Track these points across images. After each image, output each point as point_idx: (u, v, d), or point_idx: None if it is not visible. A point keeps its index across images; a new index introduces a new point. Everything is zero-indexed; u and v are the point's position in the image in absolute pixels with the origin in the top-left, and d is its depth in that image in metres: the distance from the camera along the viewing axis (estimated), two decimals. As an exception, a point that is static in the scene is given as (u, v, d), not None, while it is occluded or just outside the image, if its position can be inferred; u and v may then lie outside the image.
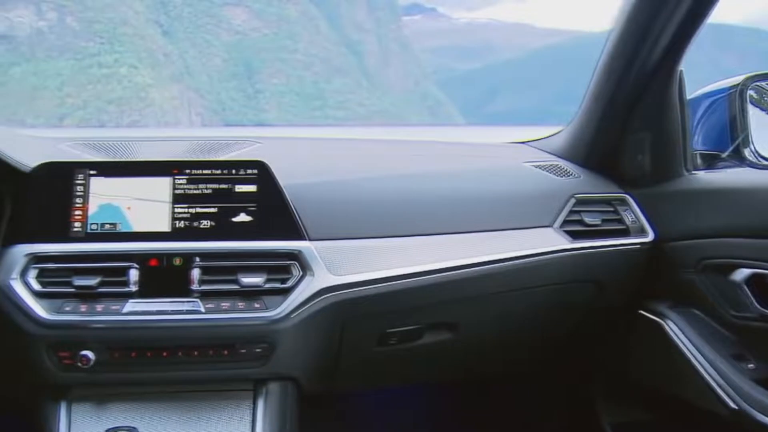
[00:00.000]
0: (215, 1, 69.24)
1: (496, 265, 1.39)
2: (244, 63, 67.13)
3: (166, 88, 56.42)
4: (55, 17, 58.83)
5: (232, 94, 64.25)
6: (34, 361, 1.20)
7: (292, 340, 1.26)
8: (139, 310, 1.21)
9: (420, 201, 1.48)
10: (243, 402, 1.31)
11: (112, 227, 1.28)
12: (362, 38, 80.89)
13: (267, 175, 1.31)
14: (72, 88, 54.73)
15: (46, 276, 1.22)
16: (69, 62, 56.15)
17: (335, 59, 73.27)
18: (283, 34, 70.25)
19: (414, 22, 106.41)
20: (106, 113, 51.91)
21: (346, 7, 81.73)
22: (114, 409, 1.27)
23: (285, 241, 1.28)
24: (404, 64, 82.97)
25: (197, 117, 56.00)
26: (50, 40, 57.57)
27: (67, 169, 1.30)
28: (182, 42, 64.24)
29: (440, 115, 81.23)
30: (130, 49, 57.60)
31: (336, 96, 69.76)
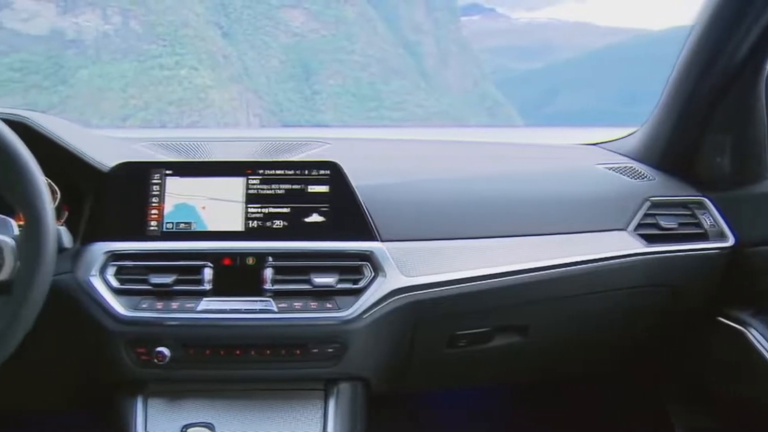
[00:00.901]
0: (273, 3, 69.67)
1: (568, 269, 1.39)
2: (302, 64, 67.36)
3: (225, 90, 56.96)
4: (119, 21, 60.13)
5: (290, 95, 64.50)
6: (113, 357, 1.24)
7: (364, 341, 1.28)
8: (213, 308, 1.25)
9: (492, 203, 1.48)
10: (314, 401, 1.32)
11: (186, 226, 1.34)
12: (420, 39, 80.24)
13: (339, 176, 1.34)
14: (135, 90, 55.76)
15: (124, 273, 1.28)
16: (132, 64, 57.25)
17: (392, 60, 72.82)
18: (341, 35, 70.22)
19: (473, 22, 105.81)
20: (167, 114, 52.68)
21: (403, 8, 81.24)
22: (188, 406, 1.29)
23: (357, 242, 1.31)
24: (462, 65, 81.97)
25: (255, 118, 56.36)
26: (115, 43, 58.85)
27: (144, 169, 1.35)
28: (241, 44, 64.83)
29: (499, 116, 79.91)
30: (190, 51, 58.36)
31: (393, 97, 69.32)
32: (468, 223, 1.44)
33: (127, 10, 60.62)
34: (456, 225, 1.43)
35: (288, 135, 1.88)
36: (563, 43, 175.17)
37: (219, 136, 1.89)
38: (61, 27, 57.90)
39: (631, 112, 34.27)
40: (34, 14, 57.83)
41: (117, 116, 52.16)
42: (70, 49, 57.31)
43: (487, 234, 1.42)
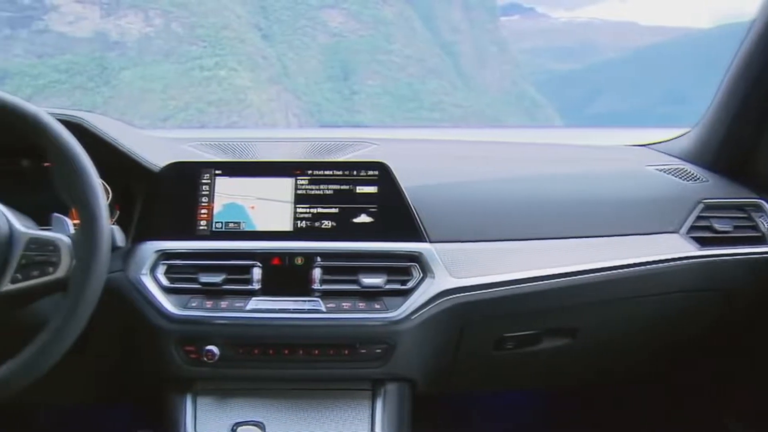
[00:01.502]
0: (313, 4, 70.02)
1: (618, 271, 1.39)
2: (340, 65, 67.56)
3: (264, 90, 57.37)
4: (161, 23, 61.06)
5: (328, 95, 64.73)
6: (163, 355, 1.26)
7: (411, 342, 1.29)
8: (261, 308, 1.26)
9: (541, 204, 1.48)
10: (361, 401, 1.33)
11: (236, 226, 1.33)
12: (458, 39, 79.81)
13: (388, 177, 1.36)
14: (175, 91, 56.51)
15: (174, 272, 1.32)
16: (173, 66, 58.05)
17: (430, 60, 72.57)
18: (379, 35, 70.22)
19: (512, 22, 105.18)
20: (207, 115, 53.28)
21: (441, 9, 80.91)
22: (237, 404, 1.30)
23: (405, 243, 1.33)
24: (501, 65, 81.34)
25: (294, 118, 56.67)
26: (156, 44, 59.77)
27: (194, 169, 1.36)
28: (280, 44, 65.28)
29: (538, 116, 79.05)
30: (230, 52, 58.93)
31: (431, 97, 69.10)
32: (517, 225, 1.42)
33: (169, 12, 61.52)
34: (505, 226, 1.41)
35: (334, 135, 1.86)
36: (605, 43, 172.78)
37: (266, 136, 1.88)
38: (105, 29, 59.08)
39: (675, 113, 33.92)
40: (79, 17, 59.11)
41: (158, 117, 52.94)
42: (114, 51, 58.42)
43: (537, 236, 1.41)
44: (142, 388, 1.47)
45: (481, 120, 71.32)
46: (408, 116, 64.68)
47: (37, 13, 57.61)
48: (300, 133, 2.27)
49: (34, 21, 57.26)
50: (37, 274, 1.08)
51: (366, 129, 2.29)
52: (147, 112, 52.65)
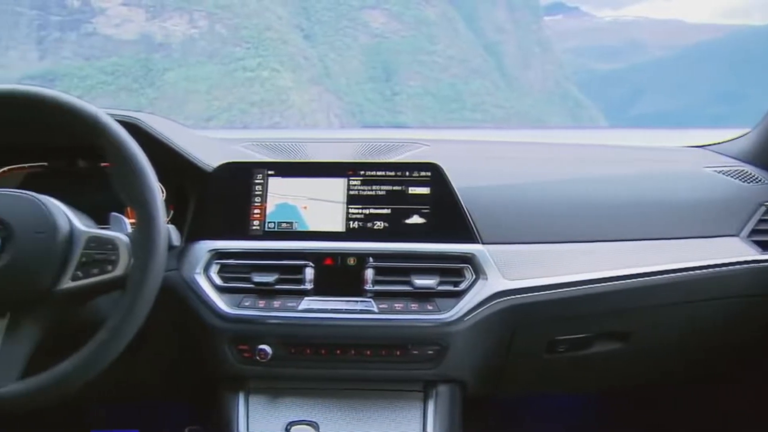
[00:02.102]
0: (354, 5, 70.35)
1: (675, 275, 1.36)
2: (382, 65, 67.73)
3: (305, 91, 57.90)
4: (205, 25, 62.15)
5: (370, 96, 64.95)
6: (216, 353, 1.27)
7: (464, 344, 1.28)
8: (314, 308, 1.26)
9: (595, 206, 1.46)
10: (413, 403, 1.32)
11: (288, 226, 1.34)
12: (501, 39, 79.26)
13: (440, 178, 1.34)
14: (219, 92, 57.43)
15: (227, 271, 1.31)
16: (216, 67, 59.01)
17: (473, 61, 72.23)
18: (421, 36, 70.20)
19: (556, 22, 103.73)
20: (249, 115, 53.97)
21: (485, 9, 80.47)
22: (290, 403, 1.31)
23: (458, 244, 1.31)
24: (544, 65, 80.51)
25: (335, 119, 57.03)
26: (200, 46, 60.85)
27: (247, 169, 1.38)
28: (322, 45, 65.77)
29: (581, 117, 78.02)
30: (272, 53, 59.65)
31: (473, 98, 68.78)
32: (571, 227, 1.41)
33: (213, 14, 62.55)
34: (558, 228, 1.40)
35: (383, 136, 1.86)
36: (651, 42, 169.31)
37: (316, 137, 1.88)
38: (150, 31, 60.40)
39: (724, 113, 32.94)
40: (125, 20, 60.55)
41: (201, 117, 53.86)
42: (158, 53, 59.66)
43: (591, 238, 1.40)
44: (194, 386, 1.47)
45: (524, 121, 70.77)
46: (450, 117, 64.54)
47: (85, 17, 59.22)
48: (349, 133, 2.25)
49: (83, 24, 58.88)
50: (96, 272, 1.09)
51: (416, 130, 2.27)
52: (191, 113, 53.58)
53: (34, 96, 1.15)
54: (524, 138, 2.14)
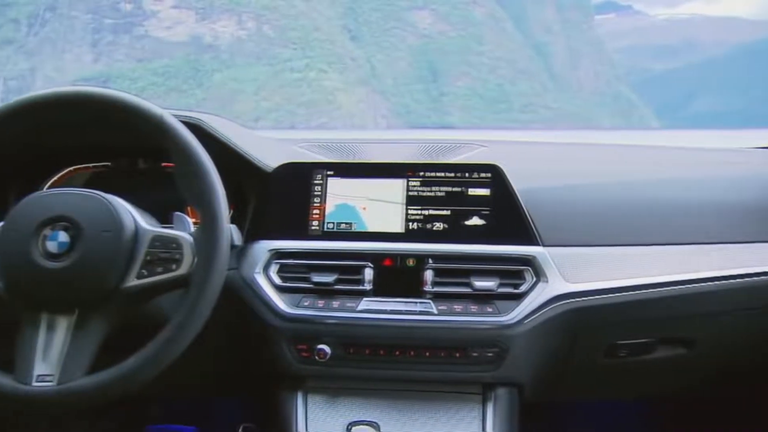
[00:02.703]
0: (402, 5, 70.39)
1: (743, 280, 1.33)
2: (429, 66, 67.60)
3: (352, 92, 58.18)
4: (253, 26, 63.03)
5: (417, 96, 64.91)
6: (274, 352, 1.28)
7: (524, 346, 1.27)
8: (373, 308, 1.26)
9: (659, 208, 1.43)
10: (472, 405, 1.31)
11: (347, 227, 1.34)
12: (550, 39, 78.26)
13: (501, 179, 1.33)
14: (266, 92, 58.14)
15: (287, 271, 1.31)
16: (264, 68, 59.76)
17: (521, 61, 71.51)
18: (469, 36, 69.84)
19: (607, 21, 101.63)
20: (297, 116, 54.50)
21: (533, 9, 79.55)
22: (349, 404, 1.31)
23: (518, 246, 1.30)
24: (594, 65, 79.15)
25: (382, 119, 57.14)
26: (248, 47, 61.71)
27: (306, 170, 1.38)
28: (369, 46, 65.97)
29: (633, 117, 76.41)
30: (320, 54, 60.12)
31: (521, 99, 68.11)
32: (633, 230, 1.38)
33: (261, 15, 63.36)
34: (620, 231, 1.37)
35: (437, 137, 1.84)
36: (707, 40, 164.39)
37: (372, 137, 1.89)
38: (200, 33, 61.50)
39: (784, 114, 31.23)
40: (176, 22, 61.80)
41: (249, 117, 54.56)
42: (207, 54, 60.70)
43: (653, 241, 1.37)
44: (250, 384, 1.49)
45: (573, 121, 69.71)
46: (497, 118, 64.05)
47: (137, 20, 60.65)
48: (405, 134, 2.25)
49: (135, 27, 60.32)
50: (161, 270, 1.11)
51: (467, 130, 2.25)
52: (239, 113, 54.34)
53: (100, 97, 1.17)
54: (574, 139, 2.11)
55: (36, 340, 1.11)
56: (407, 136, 2.06)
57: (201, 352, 1.15)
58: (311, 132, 1.99)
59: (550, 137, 2.20)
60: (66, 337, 1.12)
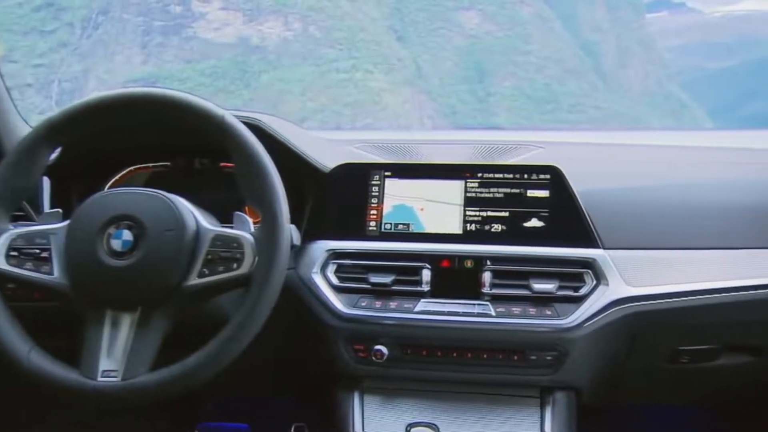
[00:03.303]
0: (448, 6, 69.94)
1: None
2: (475, 66, 67.04)
3: (398, 92, 58.10)
4: (300, 27, 63.39)
5: (463, 97, 64.45)
6: (331, 352, 1.29)
7: (583, 350, 1.26)
8: (430, 309, 1.27)
9: (721, 212, 1.41)
10: (531, 409, 1.32)
11: (405, 227, 1.35)
12: (599, 39, 76.69)
13: (560, 181, 1.32)
14: (312, 93, 58.40)
15: (344, 271, 1.32)
16: (310, 68, 60.05)
17: (569, 61, 70.36)
18: (516, 36, 69.03)
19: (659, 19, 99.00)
20: (342, 116, 54.65)
21: (582, 8, 78.06)
22: (406, 404, 1.31)
23: (578, 249, 1.31)
24: (645, 65, 77.34)
25: (428, 120, 56.91)
26: (295, 48, 62.10)
27: (364, 170, 1.39)
28: (415, 46, 65.77)
29: (684, 118, 74.35)
30: (365, 54, 60.15)
31: (569, 99, 67.02)
32: (696, 233, 1.36)
33: (307, 16, 63.71)
34: (682, 234, 1.36)
35: (494, 138, 1.82)
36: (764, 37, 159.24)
37: (428, 138, 1.88)
38: (247, 34, 62.11)
39: None
40: (224, 23, 62.60)
41: (295, 118, 53.99)
42: (254, 55, 61.26)
43: (718, 245, 1.35)
44: (304, 383, 1.51)
45: (622, 122, 68.28)
46: (544, 118, 63.17)
47: (186, 21, 61.63)
48: (459, 135, 2.26)
49: (184, 29, 61.29)
50: (222, 269, 1.13)
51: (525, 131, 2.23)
52: (285, 114, 54.48)
53: (164, 98, 1.19)
54: (627, 140, 2.08)
55: (101, 337, 1.14)
56: (460, 137, 2.06)
57: (257, 350, 1.16)
58: (363, 133, 1.97)
59: (603, 138, 2.20)
60: (129, 334, 1.14)
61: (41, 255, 1.18)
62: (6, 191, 1.21)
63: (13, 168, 1.21)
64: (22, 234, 1.20)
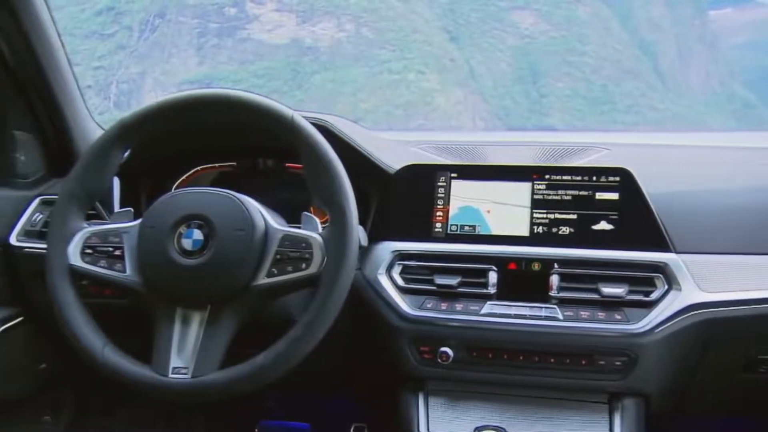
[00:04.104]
0: (502, 6, 69.31)
1: None
2: (530, 67, 66.25)
3: (451, 93, 57.88)
4: (352, 28, 63.74)
5: (516, 98, 63.76)
6: (397, 353, 1.30)
7: (654, 356, 1.24)
8: (497, 312, 1.27)
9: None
10: (599, 415, 1.28)
11: (471, 229, 1.34)
12: (658, 38, 74.80)
13: (631, 183, 1.31)
14: (364, 94, 58.65)
15: (409, 273, 1.32)
16: (362, 69, 60.32)
17: (626, 61, 68.87)
18: (572, 36, 67.99)
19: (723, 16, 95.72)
20: (394, 117, 54.67)
21: (641, 6, 76.24)
22: (471, 407, 1.30)
23: (649, 252, 1.27)
24: (706, 64, 75.08)
25: (480, 121, 56.54)
26: (347, 49, 62.48)
27: (430, 172, 1.38)
28: (468, 47, 65.39)
29: (748, 119, 71.84)
30: (418, 55, 60.09)
31: (625, 99, 65.61)
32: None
33: (360, 18, 64.01)
34: (759, 239, 1.34)
35: (558, 139, 1.79)
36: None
37: (491, 139, 1.85)
38: (300, 36, 62.78)
39: None
40: (277, 25, 63.41)
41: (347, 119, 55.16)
42: (307, 56, 61.86)
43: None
44: (365, 384, 1.51)
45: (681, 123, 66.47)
46: (600, 119, 62.01)
47: (241, 23, 62.63)
48: (521, 136, 2.22)
49: (238, 30, 62.30)
50: (291, 269, 1.14)
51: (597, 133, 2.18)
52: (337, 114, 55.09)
53: (236, 99, 1.20)
54: (692, 141, 2.04)
55: (171, 334, 1.17)
56: (520, 138, 2.03)
57: (322, 350, 1.16)
58: (422, 134, 1.97)
59: (667, 139, 2.14)
60: (199, 332, 1.16)
61: (114, 253, 1.21)
62: (81, 191, 1.25)
63: (88, 169, 1.25)
64: (96, 232, 1.23)
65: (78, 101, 1.70)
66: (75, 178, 1.25)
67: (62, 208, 1.23)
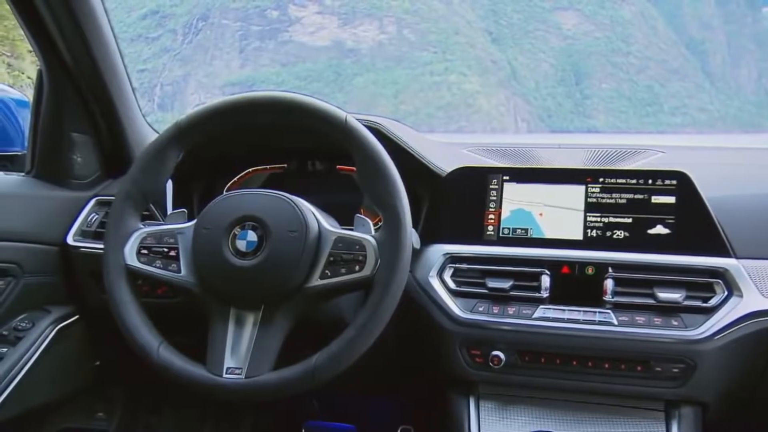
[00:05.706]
0: (545, 7, 68.78)
1: None
2: (573, 68, 65.50)
3: (493, 95, 57.61)
4: (394, 30, 63.96)
5: (559, 99, 63.06)
6: (448, 356, 1.27)
7: (713, 364, 1.21)
8: (550, 316, 1.24)
9: None
10: (655, 423, 1.25)
11: (523, 232, 1.33)
12: (707, 37, 73.08)
13: (689, 187, 1.28)
14: (405, 96, 58.76)
15: (461, 276, 1.31)
16: (404, 71, 60.47)
17: (673, 61, 67.51)
18: (616, 36, 66.96)
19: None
20: (435, 119, 54.60)
21: (689, 4, 74.60)
22: (523, 412, 1.29)
23: (708, 257, 1.24)
24: (759, 63, 73.02)
25: (523, 123, 56.05)
26: (389, 51, 62.71)
27: (482, 174, 1.38)
28: (510, 49, 64.98)
29: (802, 120, 69.58)
30: (460, 57, 60.00)
31: (672, 101, 64.27)
32: None
33: (402, 20, 64.16)
34: None
35: (609, 141, 1.75)
36: None
37: (541, 142, 1.84)
38: (342, 38, 63.20)
39: None
40: (319, 27, 63.94)
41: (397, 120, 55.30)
42: (348, 58, 62.25)
43: None
44: (414, 386, 1.48)
45: (731, 125, 64.80)
46: (645, 121, 60.99)
47: (283, 26, 63.32)
48: (571, 138, 2.17)
49: (280, 33, 63.00)
50: (344, 271, 1.13)
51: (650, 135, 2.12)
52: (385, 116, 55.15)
53: (290, 101, 1.21)
54: (746, 143, 1.97)
55: (225, 334, 1.16)
56: (571, 140, 1.99)
57: (373, 352, 1.15)
58: (468, 136, 1.93)
59: (722, 141, 2.08)
60: (253, 333, 1.16)
61: (169, 253, 1.22)
62: (137, 193, 1.26)
63: (144, 171, 1.26)
64: (152, 233, 1.24)
65: (132, 103, 1.72)
66: (131, 180, 1.26)
67: (119, 209, 1.25)
